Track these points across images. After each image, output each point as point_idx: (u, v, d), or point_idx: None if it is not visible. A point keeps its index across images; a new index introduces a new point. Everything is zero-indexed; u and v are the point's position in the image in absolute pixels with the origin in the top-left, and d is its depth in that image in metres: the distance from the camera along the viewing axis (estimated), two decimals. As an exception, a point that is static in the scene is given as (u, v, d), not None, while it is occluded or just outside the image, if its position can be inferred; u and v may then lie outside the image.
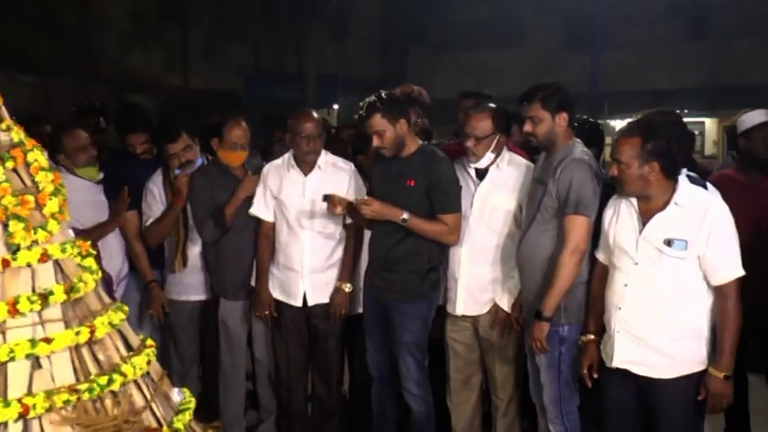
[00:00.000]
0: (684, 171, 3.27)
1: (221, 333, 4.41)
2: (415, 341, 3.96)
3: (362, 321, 4.18)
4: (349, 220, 4.15)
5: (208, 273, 4.44)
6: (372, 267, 4.07)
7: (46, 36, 9.98)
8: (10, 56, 8.82)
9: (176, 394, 2.77)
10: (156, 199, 4.41)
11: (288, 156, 4.22)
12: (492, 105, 3.96)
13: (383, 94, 3.81)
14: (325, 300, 4.19)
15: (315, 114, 4.24)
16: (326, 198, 3.90)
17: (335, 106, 10.46)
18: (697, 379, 3.20)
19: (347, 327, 4.32)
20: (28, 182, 2.49)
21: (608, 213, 3.42)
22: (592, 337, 3.49)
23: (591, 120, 4.55)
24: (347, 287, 4.16)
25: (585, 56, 13.68)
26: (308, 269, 4.17)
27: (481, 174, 3.96)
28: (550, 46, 13.85)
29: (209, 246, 4.36)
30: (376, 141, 3.80)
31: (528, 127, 3.64)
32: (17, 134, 2.52)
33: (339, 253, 4.22)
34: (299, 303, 4.20)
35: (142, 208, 4.45)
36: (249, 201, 4.27)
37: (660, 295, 3.20)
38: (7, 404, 2.23)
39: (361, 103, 3.86)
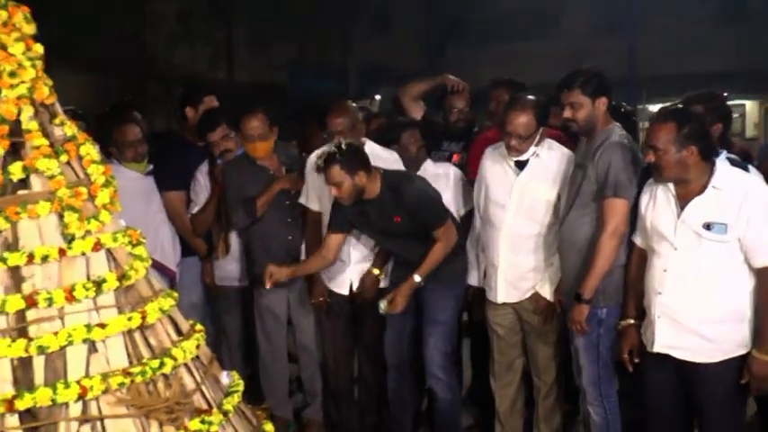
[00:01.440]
0: (724, 153, 3.18)
1: (257, 319, 4.45)
2: (449, 321, 3.97)
3: None
4: None
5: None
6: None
7: (100, 36, 10.14)
8: (66, 55, 8.98)
9: (225, 377, 2.81)
10: (201, 187, 4.47)
11: None
12: (531, 99, 3.84)
13: (343, 145, 3.73)
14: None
15: (350, 107, 4.22)
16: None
17: (378, 97, 10.44)
18: (739, 362, 3.13)
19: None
20: (81, 174, 2.54)
21: (644, 198, 3.35)
22: (631, 321, 3.43)
23: (623, 105, 4.44)
24: (376, 271, 4.15)
25: (622, 42, 13.44)
26: (355, 259, 4.18)
27: (520, 163, 3.90)
28: (587, 33, 13.63)
29: (241, 233, 4.40)
30: (334, 191, 3.75)
31: (568, 113, 3.58)
32: (70, 129, 2.57)
33: None
34: (345, 292, 4.22)
35: (191, 195, 4.51)
36: (282, 191, 4.28)
37: (700, 279, 3.14)
38: (67, 386, 2.29)
39: (320, 153, 3.82)
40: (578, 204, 3.59)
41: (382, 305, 3.89)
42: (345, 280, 4.21)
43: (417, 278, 3.85)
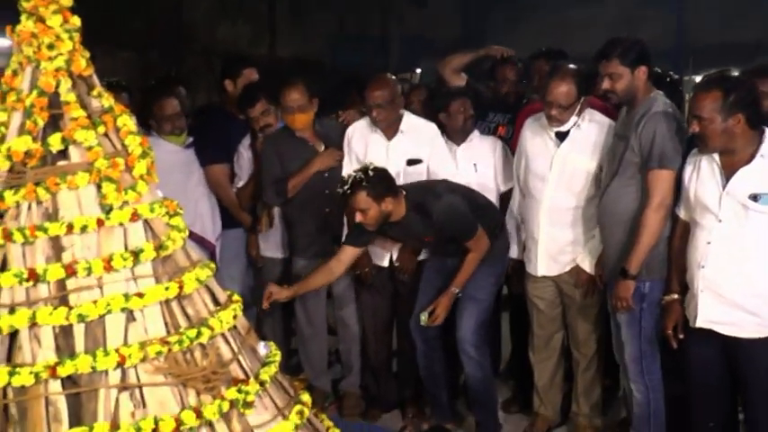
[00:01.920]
0: None
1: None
2: (487, 298, 3.94)
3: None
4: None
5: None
6: None
7: (142, 11, 10.21)
8: (109, 31, 9.07)
9: (263, 347, 2.81)
10: (245, 161, 4.49)
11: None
12: (571, 67, 3.78)
13: (370, 171, 3.62)
14: None
15: (389, 80, 4.17)
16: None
17: (418, 70, 10.36)
18: (786, 337, 3.05)
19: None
20: (118, 145, 2.55)
21: (687, 170, 3.26)
22: (675, 296, 3.36)
23: (669, 74, 4.29)
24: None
25: (669, 10, 13.06)
26: None
27: (561, 134, 3.83)
28: (632, 1, 13.24)
29: (282, 205, 4.40)
30: (359, 217, 3.65)
31: (607, 84, 3.49)
32: (107, 100, 2.58)
33: None
34: (385, 264, 4.22)
35: (235, 170, 4.53)
36: (314, 156, 4.26)
37: (745, 252, 3.05)
38: (107, 353, 2.32)
39: (345, 177, 3.70)
40: (621, 175, 3.50)
41: (423, 317, 3.87)
42: (385, 252, 4.20)
43: (455, 290, 3.82)
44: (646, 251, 3.39)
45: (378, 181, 3.61)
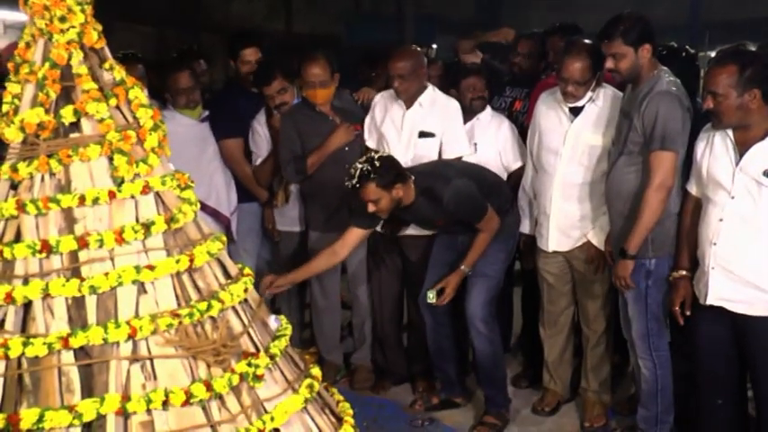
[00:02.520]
0: None
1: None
2: (496, 275, 3.89)
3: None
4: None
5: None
6: None
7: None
8: (129, 8, 9.05)
9: (273, 321, 2.80)
10: (261, 137, 4.44)
11: None
12: (586, 43, 3.69)
13: (376, 162, 3.53)
14: (412, 232, 4.13)
15: (413, 51, 4.11)
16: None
17: (434, 46, 10.24)
18: (797, 316, 2.99)
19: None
20: (130, 118, 2.53)
21: (700, 146, 3.18)
22: (684, 272, 3.30)
23: (685, 49, 4.17)
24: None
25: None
26: None
27: (575, 109, 3.76)
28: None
29: None
30: (371, 208, 3.57)
31: (610, 63, 3.38)
32: (119, 73, 2.55)
33: None
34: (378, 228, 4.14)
35: (251, 147, 4.49)
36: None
37: (758, 229, 2.98)
38: (118, 325, 2.31)
39: (352, 170, 3.56)
40: (626, 155, 3.43)
41: (431, 295, 3.82)
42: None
43: (465, 268, 3.79)
44: (645, 232, 3.33)
45: (385, 170, 3.54)
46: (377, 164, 3.52)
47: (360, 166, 3.53)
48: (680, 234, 3.34)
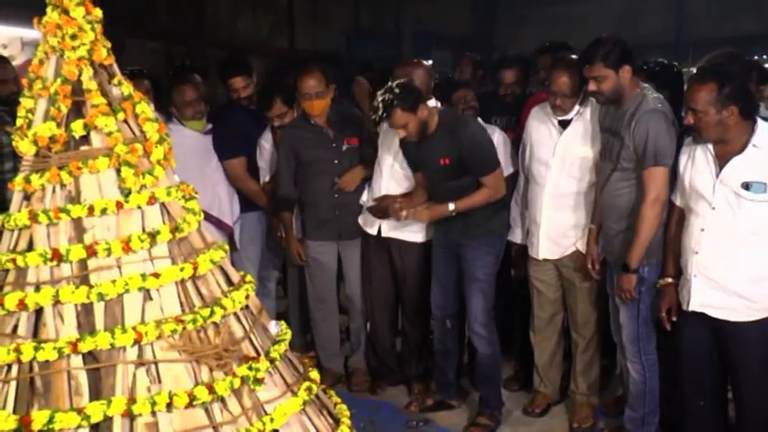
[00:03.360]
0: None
1: (306, 269, 4.45)
2: (488, 278, 3.89)
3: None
4: None
5: None
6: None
7: (168, 5, 10.20)
8: (138, 25, 9.08)
9: (274, 326, 2.80)
10: (268, 154, 4.47)
11: None
12: (573, 58, 3.73)
13: (396, 89, 3.56)
14: (400, 236, 4.14)
15: (417, 64, 4.09)
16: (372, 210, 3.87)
17: (430, 61, 10.32)
18: (776, 322, 3.01)
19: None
20: (137, 131, 2.54)
21: (682, 159, 3.21)
22: (670, 280, 3.33)
23: (674, 65, 4.20)
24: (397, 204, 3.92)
25: (669, 2, 12.89)
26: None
27: (564, 122, 3.79)
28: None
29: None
30: (401, 133, 3.63)
31: (592, 86, 3.41)
32: (127, 88, 2.56)
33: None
34: (374, 232, 4.19)
35: (258, 163, 4.51)
36: (327, 143, 4.23)
37: (738, 239, 3.01)
38: (125, 331, 2.32)
39: (375, 103, 3.61)
40: (620, 171, 3.44)
41: (397, 206, 3.79)
42: (375, 222, 4.18)
43: (451, 206, 3.74)
44: (645, 245, 3.35)
45: (407, 94, 3.58)
46: (397, 90, 3.57)
47: (381, 97, 3.57)
48: (666, 243, 3.37)
